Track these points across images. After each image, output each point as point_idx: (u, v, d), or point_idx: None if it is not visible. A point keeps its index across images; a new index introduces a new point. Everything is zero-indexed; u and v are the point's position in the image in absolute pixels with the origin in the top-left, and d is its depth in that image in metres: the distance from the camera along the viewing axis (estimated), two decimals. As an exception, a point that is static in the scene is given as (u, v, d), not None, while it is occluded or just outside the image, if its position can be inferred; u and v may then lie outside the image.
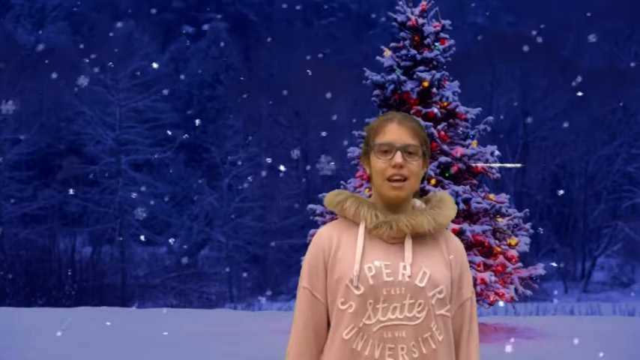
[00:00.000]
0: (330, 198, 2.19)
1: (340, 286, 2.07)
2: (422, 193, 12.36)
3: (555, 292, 29.48)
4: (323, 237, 2.15)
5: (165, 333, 11.36)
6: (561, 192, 31.14)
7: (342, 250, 2.11)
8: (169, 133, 33.31)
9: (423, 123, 12.82)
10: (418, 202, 2.21)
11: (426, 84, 12.87)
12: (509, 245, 12.36)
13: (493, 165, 12.92)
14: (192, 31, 41.02)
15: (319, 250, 2.13)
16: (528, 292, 12.36)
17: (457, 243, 2.21)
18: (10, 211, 32.40)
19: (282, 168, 32.66)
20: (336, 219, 2.22)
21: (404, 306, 2.04)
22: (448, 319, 2.11)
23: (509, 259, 12.18)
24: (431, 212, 2.14)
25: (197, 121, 33.70)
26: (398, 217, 2.09)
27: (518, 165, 31.70)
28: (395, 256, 2.09)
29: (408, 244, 2.09)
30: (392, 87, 12.98)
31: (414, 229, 2.09)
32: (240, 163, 33.93)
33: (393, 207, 2.14)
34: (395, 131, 2.14)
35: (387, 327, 2.03)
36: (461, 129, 13.28)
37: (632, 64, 35.11)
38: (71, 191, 28.71)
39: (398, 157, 2.10)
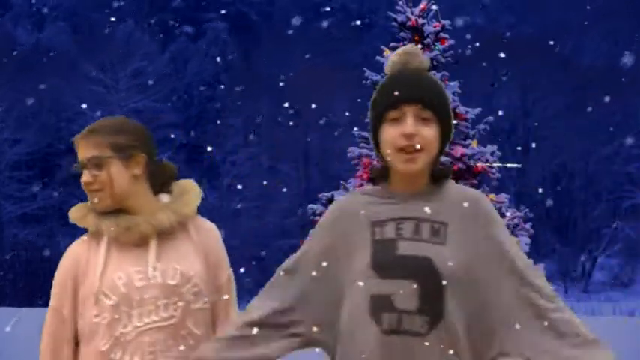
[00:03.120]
0: (74, 215, 2.16)
1: (92, 299, 2.05)
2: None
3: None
4: (72, 253, 2.14)
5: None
6: (561, 193, 31.15)
7: (91, 263, 2.09)
8: (170, 134, 33.28)
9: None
10: (165, 198, 2.18)
11: (426, 84, 12.87)
12: (509, 245, 12.36)
13: (493, 165, 12.93)
14: (192, 31, 41.04)
15: (68, 267, 2.12)
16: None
17: (208, 226, 2.21)
18: (10, 211, 32.43)
19: (282, 168, 32.66)
20: None
21: (159, 307, 2.03)
22: (207, 311, 2.11)
23: (509, 259, 12.18)
24: (172, 206, 2.12)
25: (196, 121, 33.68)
26: (137, 221, 2.07)
27: (518, 165, 31.70)
28: (144, 259, 2.07)
29: (153, 244, 2.08)
30: (392, 87, 12.98)
31: (156, 229, 2.07)
32: (240, 163, 33.94)
33: (124, 210, 2.11)
34: None
35: (144, 332, 2.02)
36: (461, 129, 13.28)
37: (634, 63, 35.10)
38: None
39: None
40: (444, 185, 1.93)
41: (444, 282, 1.79)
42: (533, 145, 34.60)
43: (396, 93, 1.88)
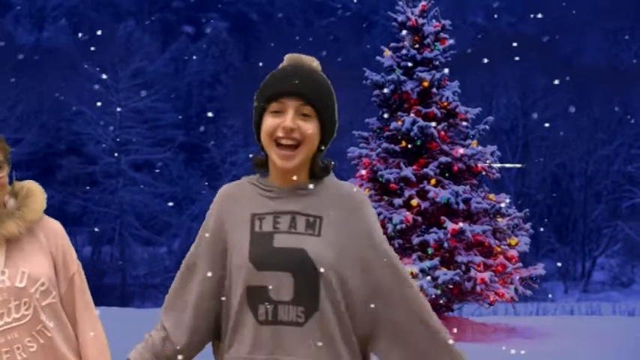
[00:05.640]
0: None
1: None
2: (423, 193, 12.36)
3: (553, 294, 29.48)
4: None
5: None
6: (561, 193, 31.13)
7: None
8: (170, 133, 33.29)
9: (422, 123, 12.84)
10: (11, 202, 2.31)
11: (426, 84, 12.88)
12: (509, 245, 12.37)
13: (493, 165, 12.93)
14: (192, 31, 41.03)
15: None
16: (528, 292, 12.37)
17: (53, 226, 2.37)
18: (10, 211, 32.40)
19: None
20: None
21: (11, 309, 2.16)
22: (56, 304, 2.25)
23: (509, 259, 12.18)
24: (19, 213, 2.27)
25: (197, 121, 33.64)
26: None
27: (519, 165, 31.69)
28: None
29: (2, 251, 2.21)
30: (392, 87, 12.99)
31: (5, 237, 2.22)
32: (240, 163, 33.91)
33: None
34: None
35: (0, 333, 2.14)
36: (461, 129, 13.29)
37: (634, 62, 35.11)
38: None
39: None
40: (323, 180, 1.98)
41: (320, 272, 1.83)
42: (533, 145, 34.62)
43: (278, 86, 1.92)
